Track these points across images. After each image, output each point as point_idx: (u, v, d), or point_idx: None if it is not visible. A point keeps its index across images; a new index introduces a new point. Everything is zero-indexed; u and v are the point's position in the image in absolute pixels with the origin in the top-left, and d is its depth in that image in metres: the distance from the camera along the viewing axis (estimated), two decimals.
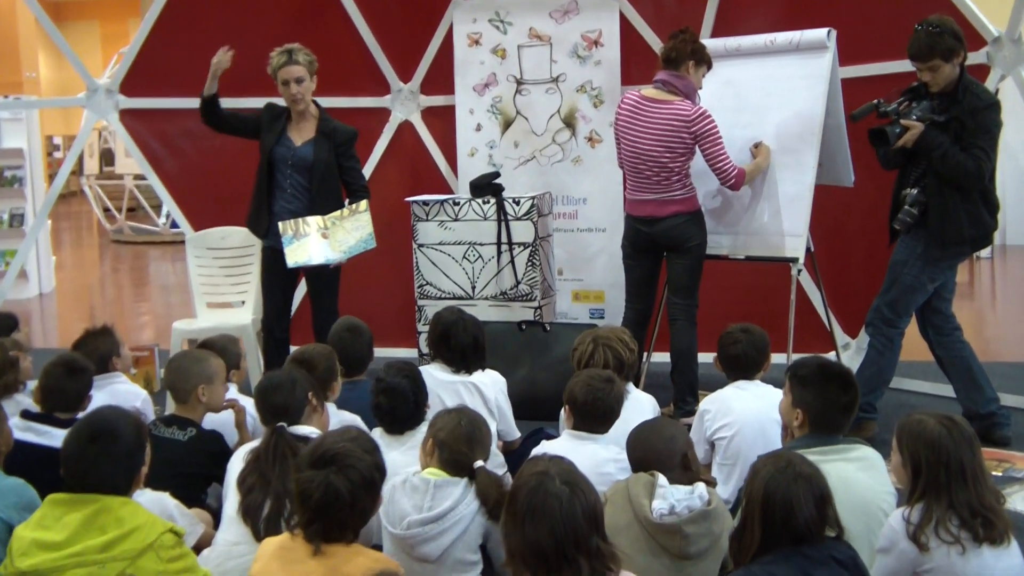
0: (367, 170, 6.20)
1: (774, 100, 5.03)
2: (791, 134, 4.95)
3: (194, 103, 5.21)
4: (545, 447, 3.25)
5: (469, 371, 4.00)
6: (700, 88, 4.82)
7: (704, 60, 4.78)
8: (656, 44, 5.67)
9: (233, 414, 3.77)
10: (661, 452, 2.86)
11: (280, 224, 4.93)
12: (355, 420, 3.71)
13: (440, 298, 5.48)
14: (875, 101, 4.54)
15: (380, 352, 5.34)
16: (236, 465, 3.14)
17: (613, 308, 5.65)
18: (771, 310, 5.32)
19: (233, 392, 3.97)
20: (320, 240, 4.86)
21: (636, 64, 5.76)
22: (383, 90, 6.26)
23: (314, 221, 4.93)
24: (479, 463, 2.90)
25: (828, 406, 2.95)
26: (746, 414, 3.60)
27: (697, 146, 4.72)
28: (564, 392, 3.32)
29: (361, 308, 5.31)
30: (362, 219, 4.95)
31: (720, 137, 4.69)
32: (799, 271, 4.95)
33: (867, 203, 5.45)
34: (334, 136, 5.05)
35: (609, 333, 3.76)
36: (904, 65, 4.72)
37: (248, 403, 3.81)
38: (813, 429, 2.98)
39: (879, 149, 4.63)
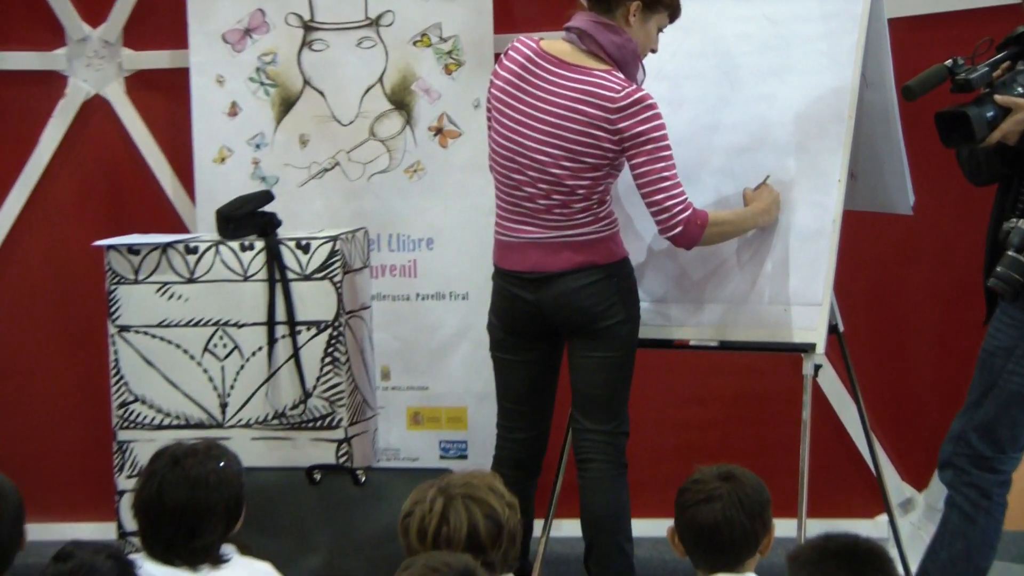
0: (24, 185, 6.19)
1: (774, 61, 5.09)
2: (803, 121, 5.01)
3: None
4: None
5: (214, 562, 3.87)
6: (653, 51, 4.86)
7: (661, 2, 4.79)
8: None
9: None
10: None
11: None
12: None
13: (161, 426, 5.44)
14: (948, 61, 4.59)
15: (41, 534, 5.12)
16: None
17: (483, 438, 5.62)
18: (768, 441, 5.41)
19: None
20: None
21: None
22: (53, 40, 6.27)
23: None
24: None
25: None
26: None
27: (625, 157, 4.73)
28: None
29: (6, 450, 5.23)
30: None
31: (667, 145, 4.69)
32: (817, 368, 4.96)
33: (938, 244, 5.59)
34: None
35: (473, 479, 3.69)
36: None
37: None
38: None
39: (959, 148, 4.69)
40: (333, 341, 5.33)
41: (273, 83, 5.92)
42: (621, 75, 4.69)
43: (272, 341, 5.35)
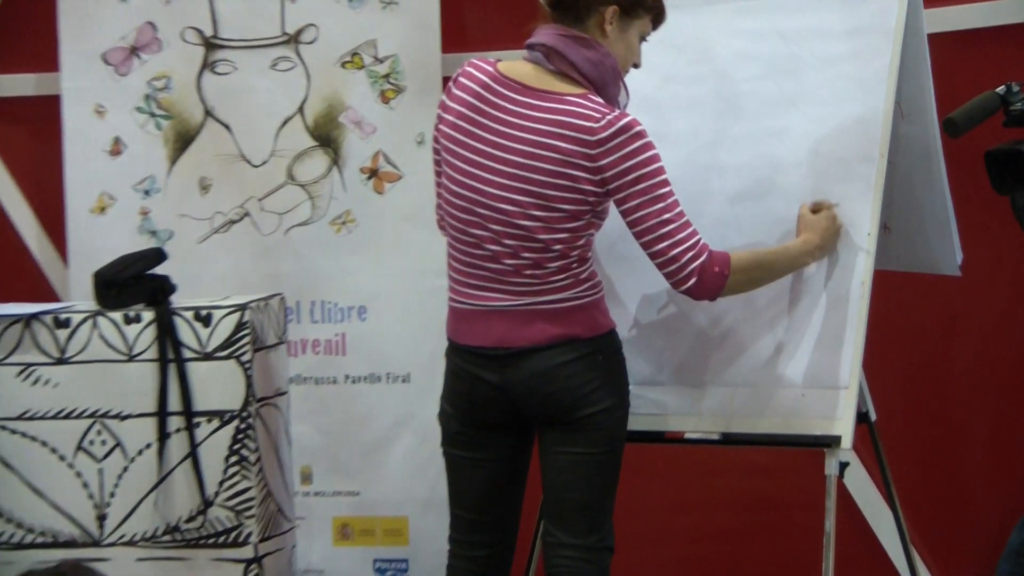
0: None
1: (787, 87, 5.10)
2: (823, 161, 5.00)
3: None
4: None
5: None
6: (636, 66, 4.86)
7: (642, 5, 4.79)
8: None
9: None
10: None
11: None
12: None
13: (21, 545, 5.42)
14: (1001, 88, 4.70)
15: None
16: None
17: (429, 556, 5.80)
18: (785, 555, 5.41)
19: None
20: None
21: (478, 11, 6.08)
22: None
23: None
24: None
25: None
26: None
27: (612, 200, 4.70)
28: None
29: None
30: None
31: (664, 180, 4.67)
32: (843, 466, 4.92)
33: (990, 312, 5.70)
34: None
35: None
36: None
37: None
38: None
39: (1015, 194, 4.77)
40: (240, 436, 5.28)
41: (166, 114, 5.99)
42: (600, 99, 4.67)
43: (163, 436, 5.30)
